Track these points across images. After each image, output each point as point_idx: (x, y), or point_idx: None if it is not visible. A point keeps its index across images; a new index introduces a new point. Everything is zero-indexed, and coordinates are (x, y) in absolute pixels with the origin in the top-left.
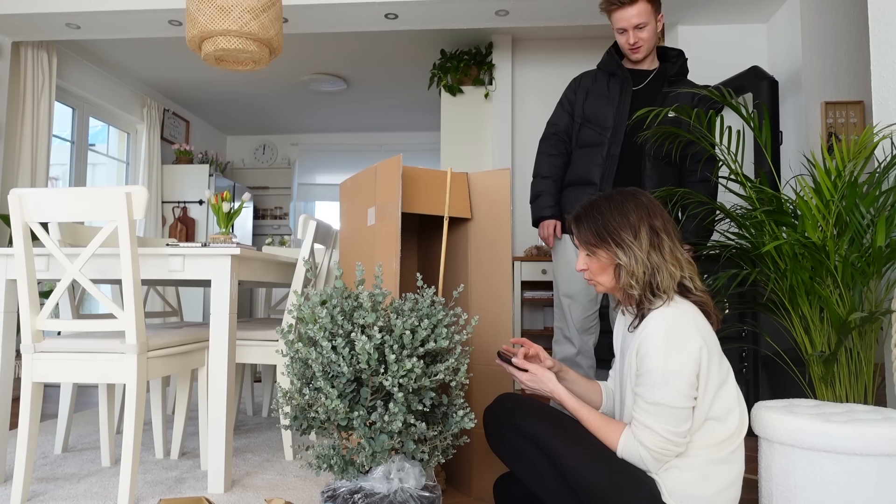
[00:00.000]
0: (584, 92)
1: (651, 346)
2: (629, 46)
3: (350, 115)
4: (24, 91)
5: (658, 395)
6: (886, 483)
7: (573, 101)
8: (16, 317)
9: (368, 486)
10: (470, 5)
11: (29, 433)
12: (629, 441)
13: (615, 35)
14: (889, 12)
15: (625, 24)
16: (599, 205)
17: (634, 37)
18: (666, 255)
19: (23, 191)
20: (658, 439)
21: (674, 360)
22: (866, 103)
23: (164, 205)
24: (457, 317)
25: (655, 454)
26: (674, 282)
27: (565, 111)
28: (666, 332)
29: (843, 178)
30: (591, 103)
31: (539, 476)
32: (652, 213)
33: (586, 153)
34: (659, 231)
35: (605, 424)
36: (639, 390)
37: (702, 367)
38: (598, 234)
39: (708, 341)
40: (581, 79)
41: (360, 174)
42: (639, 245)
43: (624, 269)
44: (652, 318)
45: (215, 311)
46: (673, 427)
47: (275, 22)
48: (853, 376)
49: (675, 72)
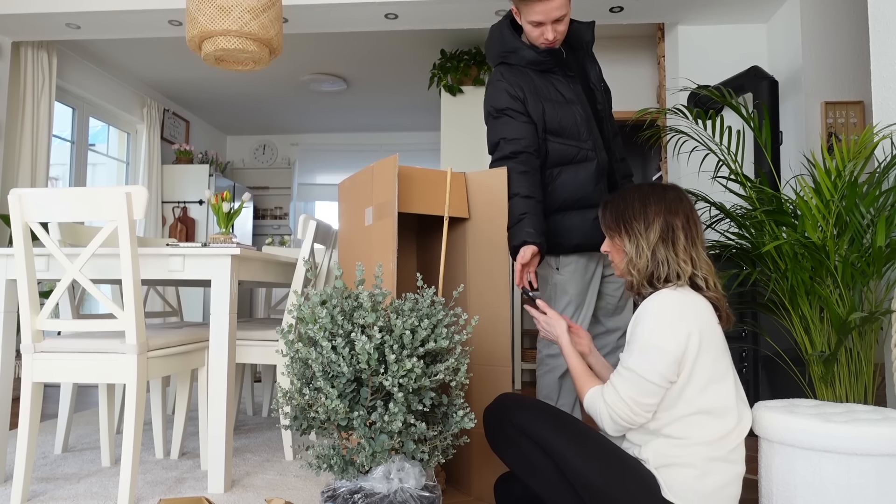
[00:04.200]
0: (535, 100)
1: (643, 317)
2: (545, 42)
3: (350, 115)
4: (24, 91)
5: (633, 362)
6: (886, 483)
7: (523, 111)
8: (16, 317)
9: (368, 486)
10: (470, 5)
11: (29, 433)
12: (595, 394)
13: (526, 27)
14: (889, 12)
15: (543, 18)
16: (627, 193)
17: (553, 31)
18: (678, 252)
19: (23, 191)
20: (617, 399)
21: (658, 336)
22: (866, 103)
23: (164, 205)
24: (457, 317)
25: (612, 413)
26: (684, 278)
27: (525, 123)
28: (660, 309)
29: (843, 178)
30: (553, 114)
31: (540, 474)
32: (673, 210)
33: (572, 172)
34: (675, 228)
35: (584, 376)
36: (621, 355)
37: (688, 353)
38: (616, 220)
39: (705, 332)
40: (515, 83)
41: (358, 174)
42: (646, 238)
43: (628, 256)
44: (654, 296)
45: (215, 311)
46: (635, 395)
47: (275, 22)
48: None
49: (590, 37)
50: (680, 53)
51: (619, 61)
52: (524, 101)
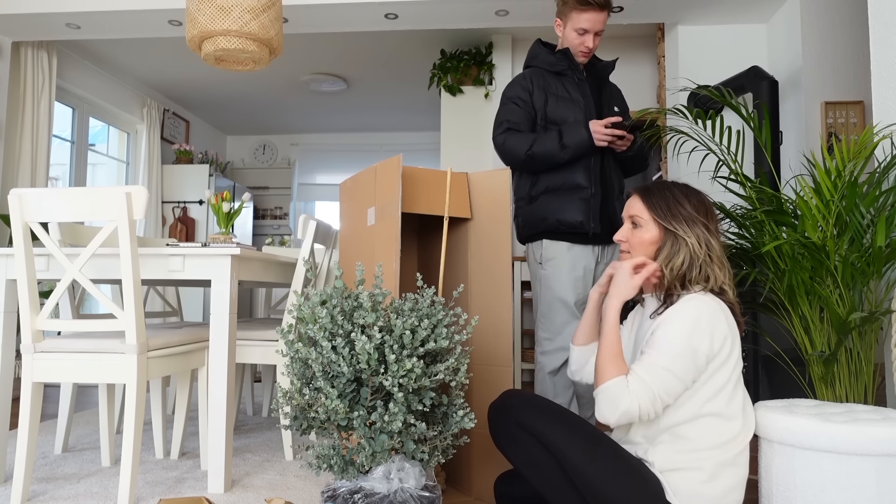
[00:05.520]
0: (541, 93)
1: (681, 318)
2: (585, 49)
3: (350, 115)
4: (24, 91)
5: (667, 362)
6: (886, 483)
7: (528, 102)
8: (16, 317)
9: (368, 486)
10: (470, 5)
11: (29, 433)
12: (620, 382)
13: (569, 35)
14: (889, 12)
15: (589, 27)
16: (671, 186)
17: (593, 41)
18: (713, 256)
19: (23, 191)
20: (645, 392)
21: (699, 340)
22: (866, 103)
23: (164, 205)
24: (457, 317)
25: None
26: (716, 283)
27: (523, 110)
28: (698, 312)
29: (843, 178)
30: (553, 106)
31: (542, 473)
32: (710, 214)
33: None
34: (711, 233)
35: (617, 358)
36: (650, 352)
37: (719, 356)
38: (668, 209)
39: (734, 339)
40: (530, 78)
41: (360, 174)
42: (692, 234)
43: (666, 251)
44: (687, 299)
45: (215, 311)
46: (663, 393)
47: (275, 22)
48: (853, 376)
49: (612, 70)
50: (680, 53)
51: (619, 61)
52: (532, 93)
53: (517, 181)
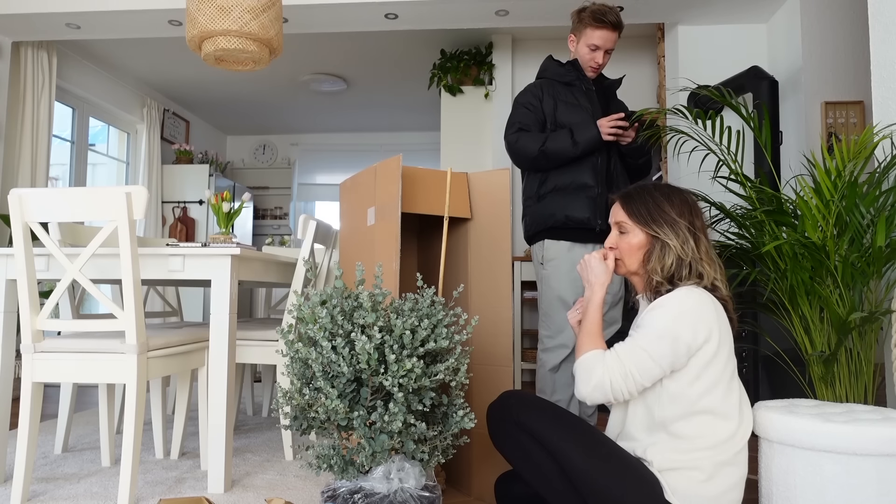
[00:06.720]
0: (550, 100)
1: (667, 304)
2: (595, 64)
3: (350, 115)
4: (24, 91)
5: (646, 343)
6: (886, 483)
7: (538, 108)
8: (16, 317)
9: (368, 486)
10: (470, 5)
11: (29, 433)
12: (596, 355)
13: (581, 50)
14: (889, 12)
15: (601, 44)
16: (651, 190)
17: (602, 58)
18: (702, 253)
19: (23, 191)
20: (619, 368)
21: (680, 325)
22: (866, 103)
23: (164, 205)
24: (457, 317)
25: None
26: (708, 280)
27: (533, 114)
28: (686, 302)
29: (843, 178)
30: (563, 112)
31: (542, 473)
32: (695, 212)
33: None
34: (698, 230)
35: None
36: (633, 334)
37: (705, 349)
38: (648, 214)
39: (723, 334)
40: (540, 87)
41: (360, 174)
42: (676, 236)
43: (655, 254)
44: (679, 289)
45: (215, 311)
46: (637, 373)
47: (275, 22)
48: (853, 376)
49: (618, 87)
50: (680, 53)
51: (619, 61)
52: (542, 100)
53: (526, 181)
